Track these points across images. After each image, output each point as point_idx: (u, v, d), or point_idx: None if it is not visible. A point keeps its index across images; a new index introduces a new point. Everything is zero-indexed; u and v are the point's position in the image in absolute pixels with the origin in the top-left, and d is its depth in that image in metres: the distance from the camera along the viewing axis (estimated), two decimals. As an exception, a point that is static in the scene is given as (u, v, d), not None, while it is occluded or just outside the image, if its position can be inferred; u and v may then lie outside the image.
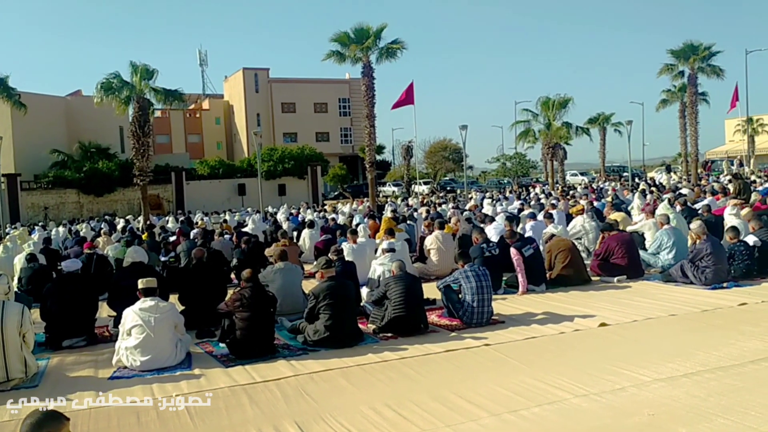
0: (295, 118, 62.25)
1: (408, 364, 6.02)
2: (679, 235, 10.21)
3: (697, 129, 36.15)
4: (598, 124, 49.92)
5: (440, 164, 67.54)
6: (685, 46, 35.06)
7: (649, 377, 5.20)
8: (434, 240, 11.13)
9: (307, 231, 14.89)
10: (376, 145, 33.03)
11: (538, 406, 4.71)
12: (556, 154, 38.89)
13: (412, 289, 7.10)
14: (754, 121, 50.19)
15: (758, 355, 5.64)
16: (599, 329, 6.99)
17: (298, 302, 8.01)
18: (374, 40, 28.14)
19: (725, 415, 4.34)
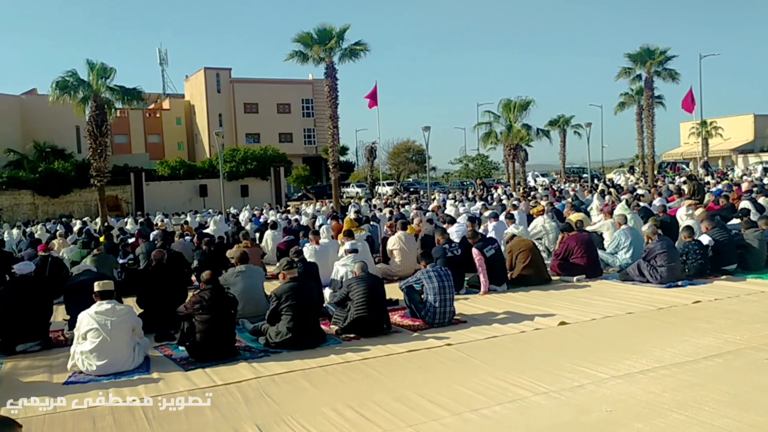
0: (258, 118, 61.73)
1: (370, 365, 6.01)
2: (636, 235, 10.43)
3: (654, 131, 37.06)
4: (559, 126, 50.78)
5: (404, 165, 67.82)
6: (642, 51, 35.90)
7: (607, 374, 5.30)
8: (397, 241, 11.16)
9: (270, 232, 14.77)
10: (339, 146, 33.00)
11: (499, 405, 4.76)
12: (517, 155, 39.39)
13: (374, 289, 7.10)
14: (708, 124, 51.66)
15: (711, 352, 5.80)
16: (559, 328, 7.09)
17: (260, 304, 7.93)
18: (337, 41, 28.11)
19: (679, 410, 4.44)
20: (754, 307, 7.56)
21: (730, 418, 4.25)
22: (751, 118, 64.23)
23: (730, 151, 57.18)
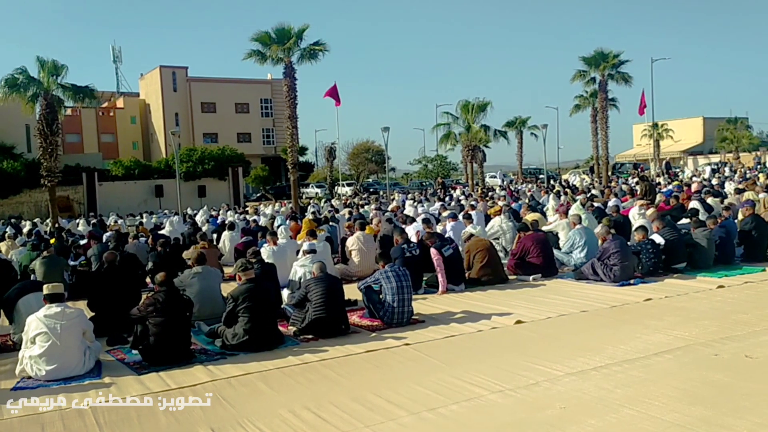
0: (216, 118, 60.90)
1: (328, 366, 5.99)
2: (590, 234, 10.63)
3: (608, 133, 37.88)
4: (516, 128, 51.44)
5: (363, 166, 67.86)
6: (596, 54, 36.67)
7: (561, 371, 5.39)
8: (355, 241, 11.15)
9: (228, 233, 14.59)
10: (298, 147, 32.76)
11: (456, 404, 4.79)
12: (475, 156, 39.80)
13: (332, 290, 7.07)
14: (659, 127, 53.03)
15: (661, 348, 5.95)
16: (515, 326, 7.18)
17: (217, 306, 7.81)
18: (296, 41, 27.91)
19: (631, 405, 4.54)
20: (703, 304, 7.79)
21: (679, 412, 4.36)
22: (701, 121, 66.32)
23: (680, 153, 58.87)
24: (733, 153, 49.61)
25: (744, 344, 5.94)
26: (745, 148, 50.52)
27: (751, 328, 6.50)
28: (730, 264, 10.24)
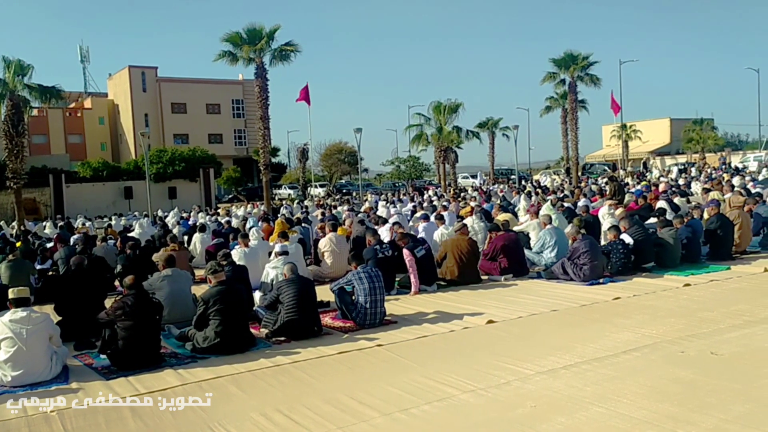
0: (186, 118, 60.26)
1: (301, 368, 5.97)
2: (560, 234, 10.75)
3: (578, 134, 38.39)
4: (488, 129, 51.77)
5: (336, 167, 67.65)
6: (565, 56, 37.14)
7: (532, 370, 5.45)
8: (328, 242, 11.12)
9: (198, 235, 14.46)
10: (270, 148, 32.63)
11: (428, 404, 4.81)
12: (447, 157, 40.00)
13: (304, 291, 7.05)
14: (627, 128, 53.90)
15: (629, 346, 6.04)
16: (487, 326, 7.23)
17: (188, 309, 7.74)
18: (267, 42, 27.80)
19: (600, 403, 4.61)
20: (670, 303, 7.93)
21: (647, 409, 4.43)
22: (668, 122, 67.52)
23: (648, 154, 59.82)
24: (699, 153, 50.61)
25: (710, 341, 6.06)
26: (711, 149, 51.56)
27: (716, 326, 6.64)
28: (697, 263, 10.43)
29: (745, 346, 5.87)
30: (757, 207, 12.13)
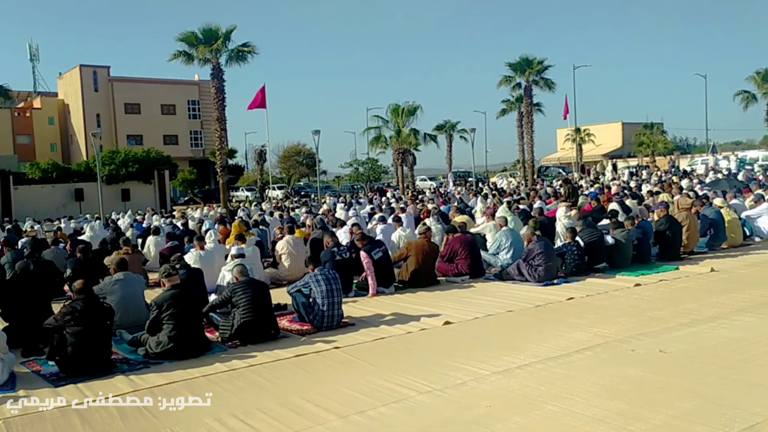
0: (140, 119, 59.05)
1: (257, 372, 5.90)
2: (516, 236, 10.90)
3: (533, 137, 39.07)
4: (445, 131, 52.18)
5: (294, 169, 67.26)
6: (521, 60, 37.76)
7: (488, 371, 5.50)
8: (285, 245, 11.05)
9: (152, 238, 14.19)
10: (227, 149, 32.25)
11: (385, 406, 4.81)
12: (406, 159, 40.19)
13: (259, 294, 6.97)
14: (581, 131, 54.98)
15: (582, 345, 6.16)
16: (444, 327, 7.28)
17: (141, 313, 7.57)
18: (223, 42, 27.50)
19: (554, 402, 4.68)
20: (621, 302, 8.12)
21: (599, 407, 4.53)
22: (620, 126, 69.16)
23: (601, 157, 61.15)
24: (649, 157, 51.97)
25: (658, 340, 6.22)
26: (661, 152, 52.97)
27: (665, 324, 6.82)
28: (647, 263, 10.71)
29: (692, 344, 6.05)
30: (704, 209, 12.50)
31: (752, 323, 6.69)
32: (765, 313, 7.07)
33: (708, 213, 12.25)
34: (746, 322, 6.73)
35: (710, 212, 12.28)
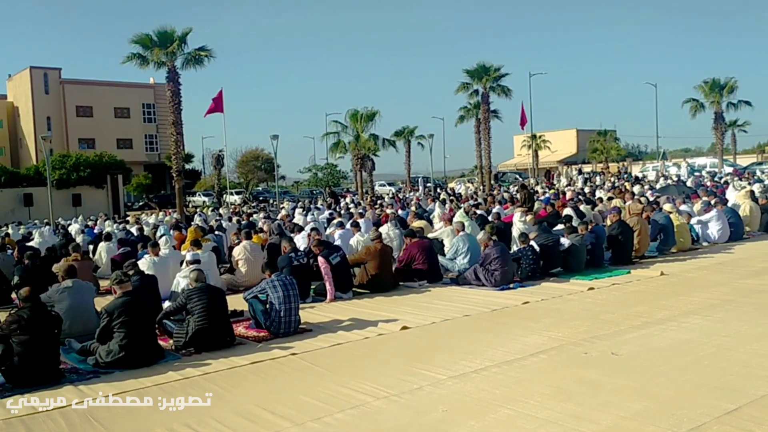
0: (93, 122, 57.80)
1: (211, 380, 5.81)
2: (473, 241, 11.00)
3: (490, 143, 39.55)
4: (404, 137, 52.47)
5: (252, 174, 66.64)
6: (478, 67, 38.23)
7: (444, 375, 5.53)
8: (242, 250, 10.92)
9: (104, 244, 13.85)
10: (183, 154, 31.78)
11: (341, 412, 4.79)
12: (365, 164, 40.23)
13: (215, 300, 6.86)
14: (537, 138, 55.95)
15: (537, 349, 6.24)
16: (401, 332, 7.29)
17: (90, 322, 7.36)
18: (179, 45, 27.10)
19: (509, 405, 4.73)
20: (575, 306, 8.26)
21: (552, 409, 4.59)
22: (574, 133, 70.66)
23: (556, 163, 62.33)
24: (603, 163, 53.15)
25: (611, 342, 6.35)
26: (614, 159, 54.26)
27: (617, 327, 6.96)
28: (600, 267, 10.93)
29: (643, 346, 6.19)
30: (654, 214, 12.83)
31: (700, 325, 6.89)
32: (712, 316, 7.28)
33: (658, 218, 12.57)
34: (694, 324, 6.92)
35: (660, 217, 12.60)
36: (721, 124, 44.69)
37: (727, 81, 43.85)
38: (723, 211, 13.87)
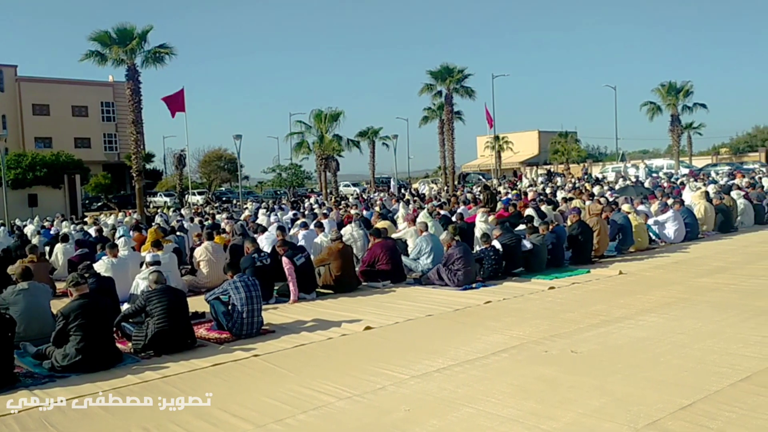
0: (50, 121, 56.36)
1: (171, 383, 5.72)
2: (436, 241, 11.06)
3: (454, 144, 39.85)
4: (368, 138, 52.54)
5: (215, 174, 65.85)
6: (442, 68, 38.49)
7: (407, 375, 5.55)
8: (204, 251, 10.79)
9: (61, 245, 13.53)
10: (144, 153, 31.29)
11: (304, 413, 4.76)
12: (329, 165, 40.12)
13: (175, 302, 6.76)
14: (500, 139, 56.55)
15: (498, 348, 6.31)
16: (364, 333, 7.29)
17: (46, 325, 7.17)
18: (139, 42, 26.63)
19: (470, 404, 4.77)
20: (536, 305, 8.38)
21: (513, 407, 4.65)
22: (536, 134, 71.59)
23: (519, 164, 63.08)
24: (564, 164, 54.00)
25: (570, 340, 6.46)
26: (575, 160, 55.18)
27: (576, 326, 7.08)
28: (561, 266, 11.11)
29: (601, 344, 6.31)
30: (613, 214, 13.08)
31: (656, 323, 7.05)
32: (668, 314, 7.46)
33: (617, 218, 12.82)
34: (651, 322, 7.08)
35: (619, 217, 12.86)
36: (678, 127, 45.84)
37: (684, 84, 45.03)
38: (679, 211, 14.22)
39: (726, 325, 6.80)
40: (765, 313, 7.25)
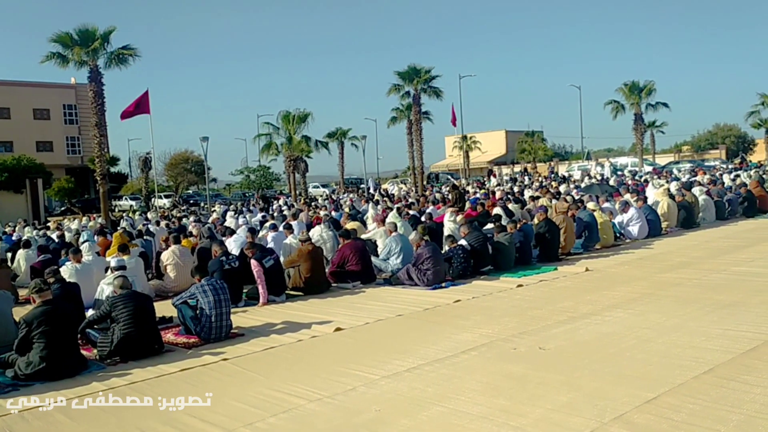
0: (10, 124, 54.97)
1: (138, 389, 5.63)
2: (405, 241, 11.09)
3: (422, 144, 39.99)
4: (337, 139, 52.49)
5: (182, 177, 65.02)
6: (409, 69, 38.60)
7: (377, 375, 5.56)
8: (171, 255, 10.65)
9: (23, 251, 13.25)
10: (108, 156, 30.73)
11: (274, 416, 4.74)
12: (298, 166, 39.95)
13: (141, 307, 6.67)
14: (468, 139, 56.97)
15: (468, 346, 6.35)
16: (335, 334, 7.27)
17: (8, 333, 7.02)
18: (101, 44, 26.19)
19: (441, 402, 4.80)
20: (504, 303, 8.45)
21: (483, 405, 4.68)
22: (504, 134, 72.34)
23: (487, 163, 63.63)
24: (531, 163, 54.64)
25: (538, 337, 6.53)
26: (541, 159, 55.91)
27: (544, 323, 7.17)
28: (528, 264, 11.23)
29: (569, 340, 6.40)
30: (579, 212, 13.27)
31: (622, 318, 7.17)
32: (633, 309, 7.60)
33: (582, 216, 13.01)
34: (617, 318, 7.20)
35: (584, 215, 13.05)
36: (641, 125, 46.77)
37: (646, 84, 45.98)
38: (641, 208, 14.48)
39: (689, 318, 6.96)
40: (726, 306, 7.43)
